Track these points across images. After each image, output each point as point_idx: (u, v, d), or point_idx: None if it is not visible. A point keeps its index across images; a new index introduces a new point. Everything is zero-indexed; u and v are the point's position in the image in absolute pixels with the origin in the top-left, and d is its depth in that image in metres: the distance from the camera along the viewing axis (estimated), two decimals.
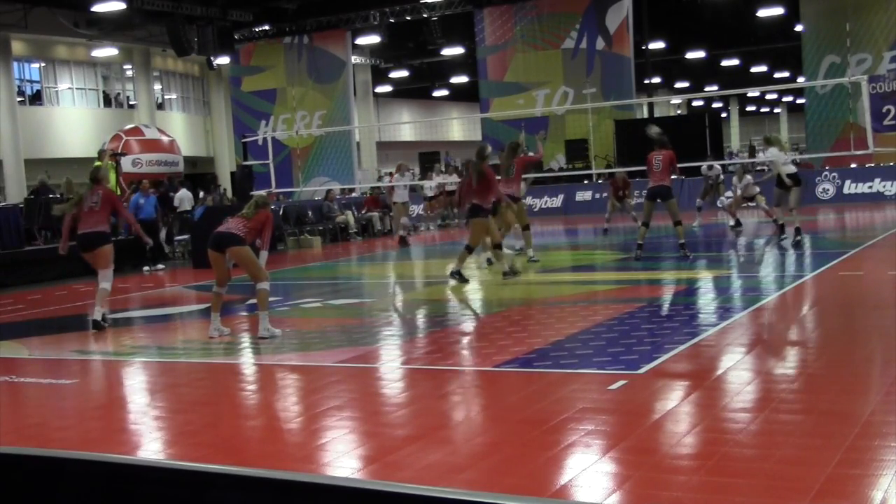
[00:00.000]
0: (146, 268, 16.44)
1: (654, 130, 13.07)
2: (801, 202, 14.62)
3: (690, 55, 39.90)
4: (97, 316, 9.62)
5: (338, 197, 24.04)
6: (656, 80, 42.54)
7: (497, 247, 11.81)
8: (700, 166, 18.35)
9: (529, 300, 10.40)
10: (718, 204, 19.40)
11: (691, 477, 4.08)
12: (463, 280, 11.58)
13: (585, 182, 25.41)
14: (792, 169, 14.25)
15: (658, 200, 12.76)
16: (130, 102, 35.59)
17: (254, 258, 8.66)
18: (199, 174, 34.75)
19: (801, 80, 29.80)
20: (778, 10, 29.68)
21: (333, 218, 21.82)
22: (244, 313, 10.70)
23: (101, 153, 18.50)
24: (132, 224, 11.23)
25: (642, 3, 27.84)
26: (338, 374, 6.81)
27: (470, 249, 11.83)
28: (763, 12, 30.39)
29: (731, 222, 16.90)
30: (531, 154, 13.92)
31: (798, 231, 13.78)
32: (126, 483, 1.52)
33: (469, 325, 9.02)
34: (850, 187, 22.28)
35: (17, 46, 30.57)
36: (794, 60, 31.40)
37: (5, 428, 5.72)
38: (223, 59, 28.87)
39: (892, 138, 22.29)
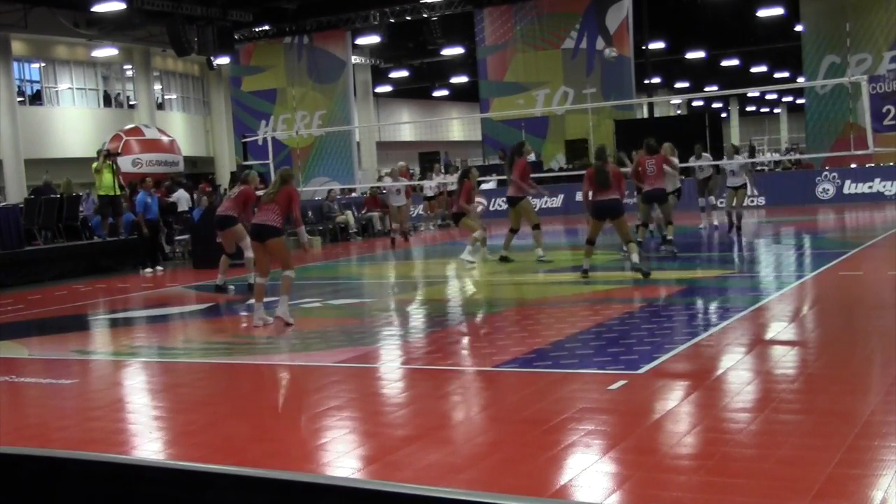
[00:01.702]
0: (148, 269, 16.40)
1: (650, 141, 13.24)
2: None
3: (690, 55, 39.89)
4: (219, 282, 12.08)
5: (338, 197, 24.05)
6: (656, 80, 42.54)
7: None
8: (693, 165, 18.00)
9: (529, 300, 10.40)
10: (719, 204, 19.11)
11: (691, 477, 4.08)
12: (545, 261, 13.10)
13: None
14: (678, 184, 15.11)
15: (654, 204, 12.95)
16: (130, 102, 35.57)
17: (286, 249, 9.63)
18: (199, 174, 34.76)
19: (801, 80, 29.79)
20: (778, 10, 29.68)
21: (333, 218, 21.82)
22: (244, 313, 10.70)
23: (99, 153, 18.53)
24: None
25: (642, 3, 27.83)
26: (338, 374, 6.81)
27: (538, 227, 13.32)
28: (763, 12, 30.39)
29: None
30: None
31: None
32: (126, 483, 1.52)
33: (469, 325, 9.02)
34: (850, 187, 22.27)
35: (17, 46, 30.55)
36: (794, 60, 31.42)
37: (5, 428, 5.72)
38: (223, 59, 28.88)
39: (892, 138, 22.27)
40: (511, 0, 27.27)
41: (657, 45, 34.68)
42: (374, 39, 32.34)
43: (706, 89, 48.79)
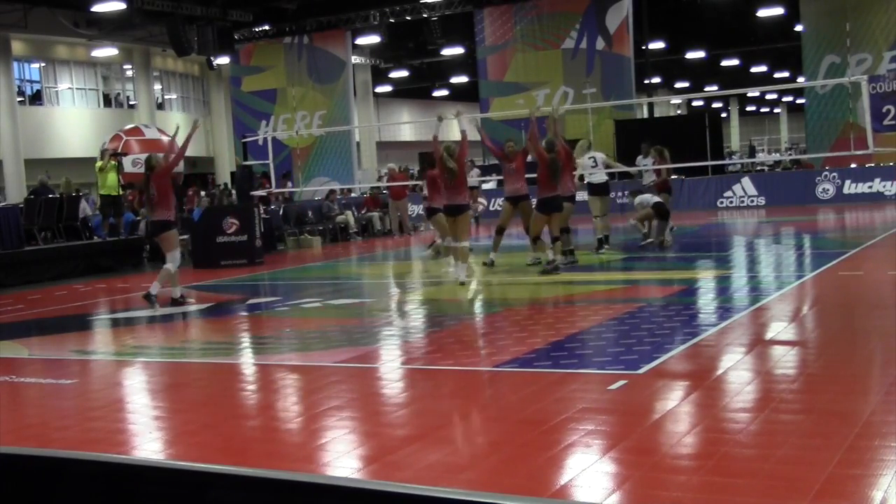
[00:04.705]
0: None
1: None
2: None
3: (690, 55, 39.90)
4: (153, 290, 10.91)
5: (338, 197, 24.06)
6: (656, 80, 42.53)
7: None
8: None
9: (530, 300, 10.40)
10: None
11: (691, 477, 4.08)
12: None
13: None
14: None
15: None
16: (130, 102, 35.57)
17: (468, 222, 11.66)
18: (199, 174, 34.76)
19: (801, 80, 29.79)
20: (778, 10, 29.68)
21: (333, 218, 21.83)
22: (244, 313, 10.70)
23: (103, 153, 18.59)
24: None
25: (642, 3, 27.82)
26: (338, 374, 6.80)
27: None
28: (763, 12, 30.39)
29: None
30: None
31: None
32: (126, 483, 1.52)
33: (469, 325, 9.02)
34: (850, 187, 22.28)
35: (17, 46, 30.55)
36: (794, 60, 31.43)
37: (5, 428, 5.72)
38: (223, 59, 28.86)
39: (892, 138, 22.27)
40: (511, 0, 27.27)
41: (657, 45, 34.68)
42: (374, 39, 32.33)
43: (706, 89, 48.82)
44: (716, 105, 55.15)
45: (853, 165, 23.02)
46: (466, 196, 11.58)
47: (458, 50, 33.70)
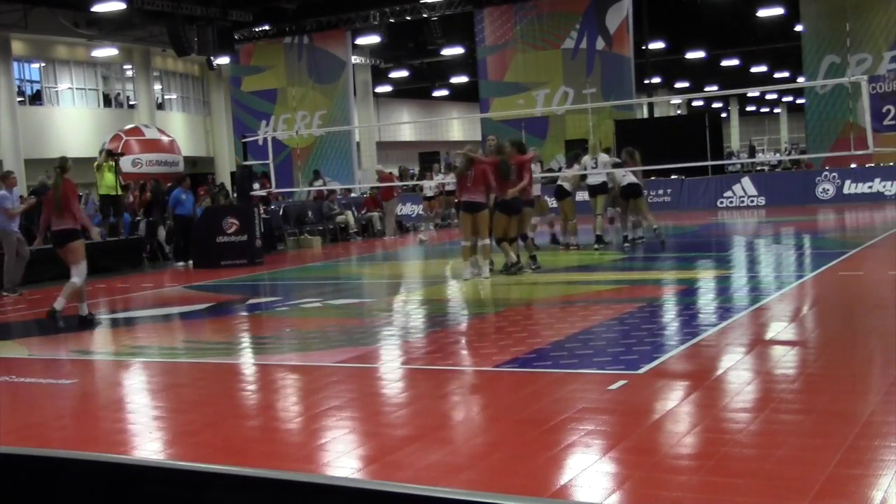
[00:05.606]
0: (181, 263, 16.92)
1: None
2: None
3: (690, 55, 39.89)
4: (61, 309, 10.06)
5: (338, 197, 24.07)
6: (656, 80, 42.53)
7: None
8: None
9: (529, 300, 10.40)
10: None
11: (691, 477, 4.08)
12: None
13: (585, 182, 25.35)
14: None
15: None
16: (130, 102, 35.56)
17: (487, 219, 11.60)
18: (199, 174, 34.75)
19: (801, 80, 29.81)
20: (778, 10, 29.69)
21: (333, 218, 21.84)
22: (244, 313, 10.70)
23: (101, 152, 18.61)
24: None
25: (642, 3, 27.83)
26: (338, 374, 6.80)
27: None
28: (763, 12, 30.40)
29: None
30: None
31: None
32: (126, 483, 1.52)
33: (469, 325, 9.02)
34: (850, 187, 22.28)
35: (17, 46, 30.55)
36: (794, 60, 31.43)
37: (5, 428, 5.72)
38: (223, 59, 28.88)
39: (892, 138, 22.28)
40: (511, 0, 27.27)
41: (657, 45, 34.68)
42: (374, 39, 32.34)
43: (706, 89, 48.81)
44: (716, 105, 55.15)
45: (853, 165, 23.02)
46: (484, 195, 11.69)
47: (458, 50, 33.71)
